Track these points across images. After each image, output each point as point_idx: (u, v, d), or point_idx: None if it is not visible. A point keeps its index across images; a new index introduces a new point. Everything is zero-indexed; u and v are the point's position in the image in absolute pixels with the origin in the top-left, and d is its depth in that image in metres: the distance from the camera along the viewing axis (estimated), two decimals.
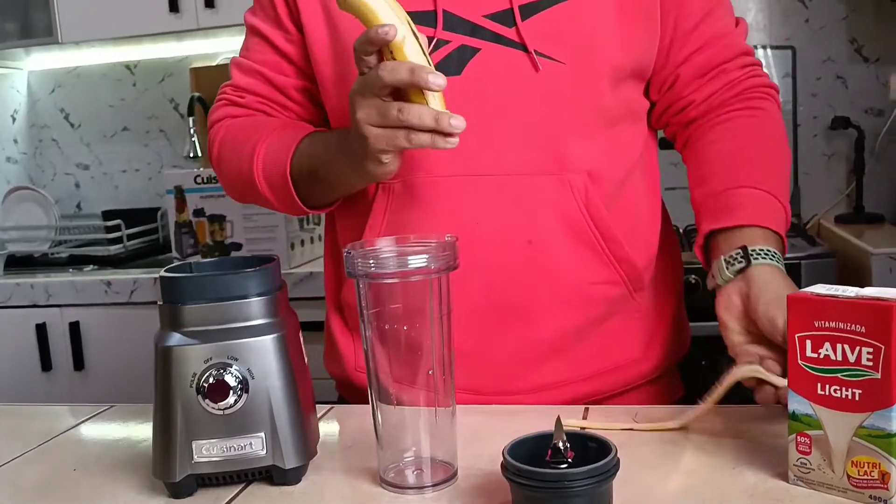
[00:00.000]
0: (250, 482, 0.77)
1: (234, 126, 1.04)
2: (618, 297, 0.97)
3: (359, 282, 0.72)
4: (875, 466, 0.64)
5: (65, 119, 2.79)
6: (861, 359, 0.63)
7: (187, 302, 0.73)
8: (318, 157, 0.94)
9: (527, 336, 0.95)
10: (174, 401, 0.73)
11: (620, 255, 0.95)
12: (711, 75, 0.99)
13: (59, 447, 0.91)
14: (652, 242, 1.01)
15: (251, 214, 2.06)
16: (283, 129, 1.00)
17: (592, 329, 0.96)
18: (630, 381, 0.99)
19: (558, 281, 0.94)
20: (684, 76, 0.99)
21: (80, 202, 2.81)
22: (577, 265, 0.94)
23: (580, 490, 0.62)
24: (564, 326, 0.95)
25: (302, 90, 1.03)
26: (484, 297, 0.93)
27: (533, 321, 0.94)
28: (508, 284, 0.93)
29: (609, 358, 0.98)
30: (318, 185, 0.96)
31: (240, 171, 1.00)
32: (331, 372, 1.09)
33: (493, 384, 0.96)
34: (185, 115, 2.58)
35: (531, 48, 0.90)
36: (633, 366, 0.99)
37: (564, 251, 0.93)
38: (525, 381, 0.96)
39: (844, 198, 2.34)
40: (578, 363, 0.96)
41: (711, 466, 0.74)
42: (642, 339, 1.00)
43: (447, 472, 0.74)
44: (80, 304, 2.16)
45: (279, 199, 0.99)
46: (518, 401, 0.95)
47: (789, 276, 0.87)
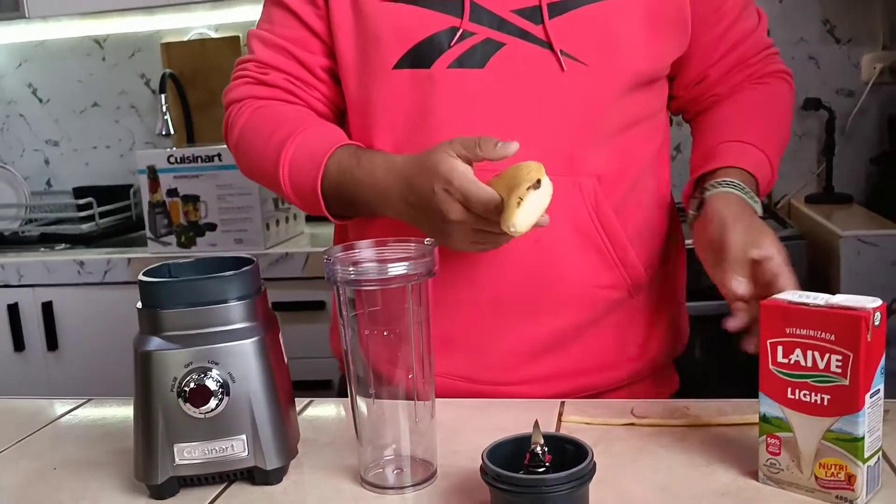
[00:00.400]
0: (232, 482, 0.77)
1: (257, 114, 1.01)
2: (619, 299, 0.98)
3: (337, 287, 0.72)
4: (842, 468, 0.66)
5: (32, 94, 2.74)
6: (830, 365, 0.65)
7: (166, 307, 0.73)
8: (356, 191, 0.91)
9: (527, 332, 0.96)
10: (155, 404, 0.73)
11: (627, 259, 0.96)
12: (736, 70, 1.03)
13: (38, 444, 0.91)
14: (657, 246, 1.02)
15: (226, 195, 2.05)
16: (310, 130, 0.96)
17: (590, 327, 0.97)
18: (625, 378, 1.00)
19: (563, 282, 0.94)
20: (713, 75, 1.02)
21: (49, 179, 2.77)
22: (583, 267, 0.95)
23: (558, 495, 0.63)
24: (565, 325, 0.96)
25: (328, 70, 1.01)
26: (489, 291, 0.95)
27: (535, 318, 0.95)
28: (514, 281, 0.94)
29: (604, 355, 0.99)
30: (351, 210, 0.95)
31: (262, 169, 0.98)
32: (333, 347, 1.09)
33: (488, 374, 0.97)
34: (156, 92, 2.55)
35: (557, 47, 0.90)
36: (629, 363, 1.00)
37: (571, 253, 0.94)
38: (519, 373, 0.97)
39: (815, 178, 2.37)
40: (574, 359, 0.98)
41: (685, 465, 0.75)
42: (639, 338, 1.01)
43: (427, 470, 0.76)
44: (53, 284, 2.14)
45: (306, 207, 0.97)
46: (511, 392, 0.96)
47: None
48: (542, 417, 0.69)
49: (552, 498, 0.63)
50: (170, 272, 0.79)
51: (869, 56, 2.30)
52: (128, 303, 1.74)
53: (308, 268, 2.00)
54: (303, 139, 0.95)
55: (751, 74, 1.04)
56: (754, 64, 1.04)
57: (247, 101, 1.02)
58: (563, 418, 0.87)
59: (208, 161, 2.04)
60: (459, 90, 0.92)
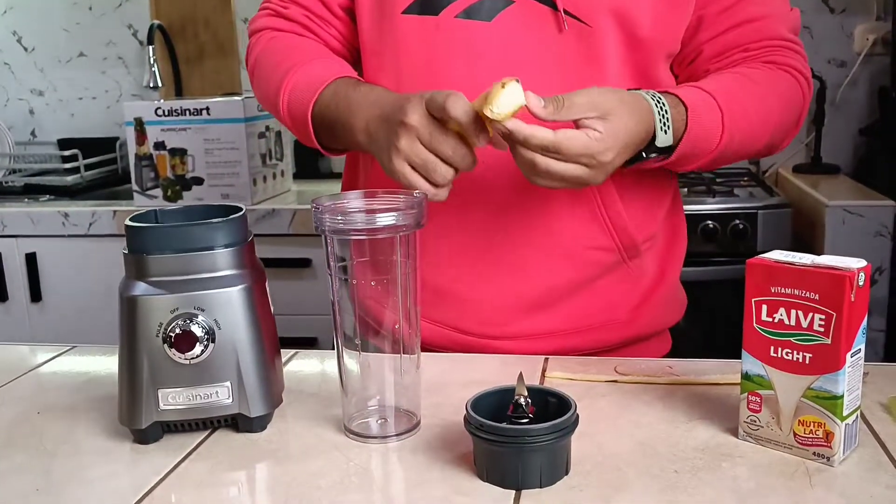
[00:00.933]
0: (216, 429, 0.78)
1: (271, 44, 1.02)
2: (610, 262, 0.98)
3: (325, 237, 0.72)
4: (820, 426, 0.67)
5: (17, 42, 2.69)
6: (813, 324, 0.65)
7: (153, 252, 0.73)
8: (339, 119, 0.91)
9: (516, 286, 0.96)
10: (140, 350, 0.73)
11: (619, 224, 0.96)
12: (732, 54, 0.95)
13: (22, 389, 0.91)
14: (656, 216, 1.01)
15: (213, 149, 2.03)
16: (315, 61, 0.97)
17: (581, 288, 0.98)
18: (613, 342, 1.00)
19: (554, 239, 0.95)
20: (708, 52, 0.95)
21: (34, 129, 2.74)
22: (574, 227, 0.95)
23: (540, 445, 0.64)
24: (554, 283, 0.96)
25: (346, 8, 1.01)
26: (479, 243, 0.95)
27: (525, 273, 0.96)
28: (504, 234, 0.94)
29: (594, 316, 0.99)
30: (333, 136, 0.95)
31: (268, 96, 0.99)
32: None
33: (477, 327, 0.98)
34: (144, 43, 2.51)
35: (560, 6, 0.89)
36: (619, 327, 1.00)
37: (564, 212, 0.94)
38: (508, 328, 0.98)
39: (803, 147, 2.38)
40: (563, 318, 0.98)
41: (666, 421, 0.76)
42: (632, 303, 1.01)
43: (410, 421, 0.76)
44: (37, 236, 2.13)
45: (301, 136, 0.97)
46: (499, 346, 0.97)
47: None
48: (526, 373, 0.69)
49: (534, 448, 0.64)
50: (157, 218, 0.79)
51: (862, 27, 2.29)
52: (113, 256, 1.73)
53: (294, 224, 1.99)
54: (305, 69, 0.95)
55: (748, 59, 0.95)
56: (755, 51, 0.95)
57: (265, 31, 1.04)
58: (546, 374, 0.88)
59: (196, 114, 2.02)
60: (464, 41, 0.91)
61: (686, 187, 2.13)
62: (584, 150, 0.78)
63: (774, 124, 0.94)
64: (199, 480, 0.69)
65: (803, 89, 0.97)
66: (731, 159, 0.93)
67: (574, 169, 0.79)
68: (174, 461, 0.72)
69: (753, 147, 0.94)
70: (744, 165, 2.38)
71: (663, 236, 1.03)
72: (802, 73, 0.96)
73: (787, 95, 0.95)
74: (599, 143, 0.78)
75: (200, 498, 0.66)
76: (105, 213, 2.08)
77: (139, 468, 0.72)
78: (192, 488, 0.68)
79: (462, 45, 0.92)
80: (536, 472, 0.64)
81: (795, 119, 0.97)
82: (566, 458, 0.67)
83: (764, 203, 1.96)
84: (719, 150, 0.89)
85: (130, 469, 0.72)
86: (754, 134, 0.92)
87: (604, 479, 0.66)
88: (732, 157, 0.93)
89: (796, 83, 0.96)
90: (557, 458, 0.66)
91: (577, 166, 0.79)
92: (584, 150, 0.78)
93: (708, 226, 1.93)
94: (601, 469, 0.68)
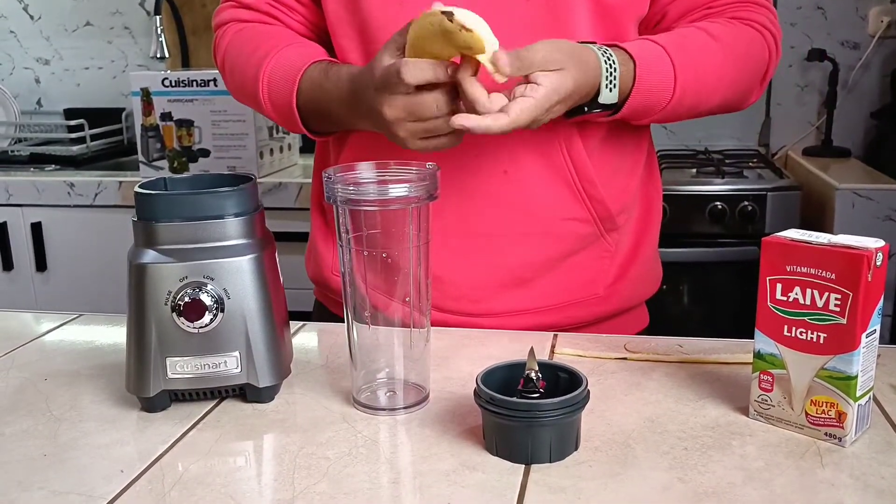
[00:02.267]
0: (223, 399, 0.77)
1: (238, 36, 1.01)
2: (587, 235, 0.97)
3: (338, 207, 0.71)
4: (833, 406, 0.66)
5: (23, 10, 2.67)
6: (829, 304, 0.65)
7: (162, 219, 0.72)
8: (329, 112, 0.92)
9: (493, 263, 0.96)
10: (148, 318, 0.73)
11: (594, 195, 0.95)
12: (696, 13, 0.95)
13: (29, 356, 0.90)
14: (630, 187, 1.00)
15: (220, 121, 2.02)
16: (288, 48, 0.96)
17: (558, 264, 0.97)
18: (592, 317, 1.00)
19: (529, 213, 0.94)
20: (672, 13, 0.96)
21: (40, 98, 2.72)
22: (549, 200, 0.94)
23: (550, 420, 0.63)
24: (531, 258, 0.96)
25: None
26: (456, 220, 0.94)
27: (500, 250, 0.95)
28: (481, 211, 0.94)
29: (572, 292, 0.99)
30: (327, 124, 0.96)
31: (245, 89, 0.99)
32: (309, 272, 1.10)
33: (455, 305, 0.97)
34: (151, 14, 2.49)
35: None
36: (597, 303, 1.00)
37: (539, 185, 0.93)
38: (486, 305, 0.97)
39: (814, 130, 2.36)
40: (540, 294, 0.97)
41: (675, 399, 0.76)
42: (609, 278, 1.00)
43: (419, 394, 0.76)
44: (43, 205, 2.12)
45: (286, 124, 0.97)
46: (478, 324, 0.97)
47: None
48: (535, 350, 0.69)
49: (545, 423, 0.63)
50: (166, 186, 0.78)
51: (877, 9, 2.27)
52: (118, 226, 1.72)
53: (301, 198, 1.98)
54: (279, 58, 0.95)
55: (711, 15, 0.94)
56: (718, 8, 0.94)
57: (230, 24, 1.03)
58: (555, 350, 0.88)
59: (203, 85, 2.00)
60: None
61: (695, 168, 2.12)
62: (531, 118, 0.79)
63: (731, 79, 0.93)
64: (207, 449, 0.69)
65: (769, 45, 0.95)
66: (687, 113, 0.92)
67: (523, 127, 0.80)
68: (181, 430, 0.72)
69: (710, 101, 0.93)
70: (753, 147, 2.37)
71: (638, 209, 1.03)
72: (769, 29, 0.95)
73: (749, 51, 0.94)
74: (545, 102, 0.79)
75: (208, 466, 0.66)
76: (111, 184, 2.08)
77: (146, 436, 0.71)
78: (200, 457, 0.67)
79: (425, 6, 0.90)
80: (546, 447, 0.64)
81: (760, 75, 0.96)
82: (576, 433, 0.66)
83: (773, 185, 1.94)
84: (672, 105, 0.89)
85: (137, 437, 0.71)
86: (709, 88, 0.92)
87: (613, 455, 0.66)
88: (687, 111, 0.92)
89: (761, 38, 0.95)
90: (567, 434, 0.65)
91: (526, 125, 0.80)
92: (531, 117, 0.79)
93: (716, 207, 1.92)
94: (610, 445, 0.68)
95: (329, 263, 1.05)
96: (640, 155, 1.02)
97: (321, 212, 1.08)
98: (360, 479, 0.63)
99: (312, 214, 1.09)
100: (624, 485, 0.62)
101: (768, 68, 0.96)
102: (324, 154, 1.08)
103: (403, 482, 0.63)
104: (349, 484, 0.63)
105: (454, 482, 0.62)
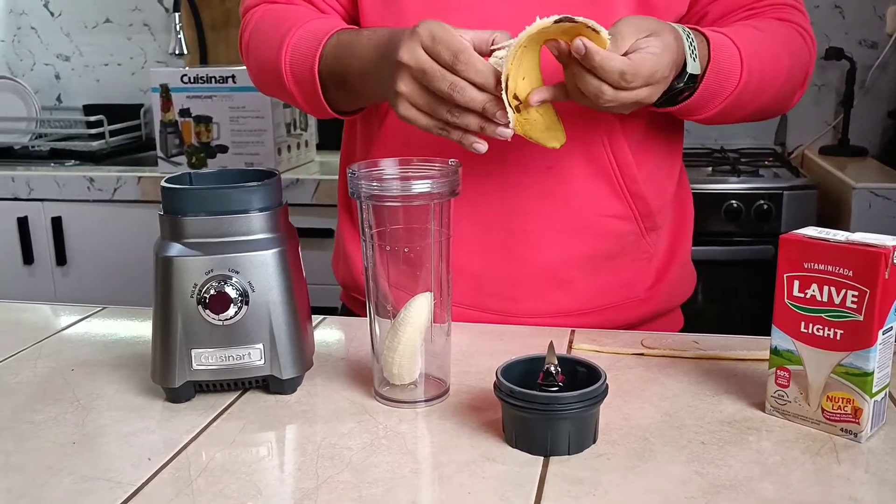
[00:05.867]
0: (247, 390, 0.79)
1: (266, 15, 0.98)
2: (627, 233, 0.97)
3: (361, 202, 0.73)
4: (849, 402, 0.67)
5: (44, 6, 2.70)
6: (846, 301, 0.65)
7: (189, 213, 0.74)
8: (350, 68, 0.87)
9: (532, 261, 0.96)
10: (174, 310, 0.74)
11: (636, 191, 0.96)
12: (737, 14, 0.96)
13: (55, 347, 0.92)
14: (668, 186, 1.01)
15: (238, 117, 2.04)
16: (315, 20, 0.93)
17: (599, 265, 0.97)
18: (631, 320, 1.01)
19: (571, 209, 0.94)
20: (712, 14, 0.96)
21: (60, 94, 2.75)
22: (591, 195, 0.95)
23: (569, 413, 0.64)
24: (570, 257, 0.96)
25: None
26: (497, 216, 0.95)
27: (541, 247, 0.95)
28: (523, 207, 0.94)
29: (612, 295, 0.99)
30: (347, 94, 0.91)
31: (267, 61, 0.94)
32: (338, 276, 1.09)
33: (495, 304, 0.98)
34: (170, 10, 2.51)
35: None
36: (636, 306, 1.01)
37: (581, 181, 0.94)
38: (525, 305, 0.98)
39: (831, 129, 2.36)
40: (581, 297, 0.98)
41: (692, 394, 0.77)
42: (648, 281, 1.01)
43: (440, 388, 0.77)
44: (62, 200, 2.15)
45: (306, 99, 0.94)
46: (518, 323, 0.97)
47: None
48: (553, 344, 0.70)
49: (564, 416, 0.64)
50: (191, 181, 0.79)
51: (895, 8, 2.26)
52: (137, 221, 1.74)
53: (318, 195, 2.00)
54: (308, 26, 0.92)
55: (754, 16, 0.95)
56: (759, 9, 0.95)
57: (259, 6, 1.00)
58: (573, 346, 0.89)
59: (222, 82, 2.02)
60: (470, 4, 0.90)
61: (711, 166, 2.12)
62: (651, 71, 0.77)
63: (786, 73, 0.93)
64: (231, 440, 0.70)
65: (809, 48, 0.96)
66: (744, 107, 0.91)
67: (638, 93, 0.77)
68: (206, 420, 0.74)
69: (766, 94, 0.92)
70: (769, 146, 2.37)
71: (673, 211, 1.03)
72: (808, 33, 0.96)
73: (797, 49, 0.95)
74: (661, 59, 0.77)
75: (232, 456, 0.67)
76: (130, 179, 2.10)
77: (172, 425, 0.73)
78: (224, 447, 0.69)
79: (468, 8, 0.90)
80: (565, 440, 0.65)
81: (803, 76, 0.96)
82: (594, 426, 0.67)
83: (790, 184, 1.94)
84: (737, 93, 0.88)
85: (163, 426, 0.73)
86: (768, 79, 0.91)
87: (630, 449, 0.67)
88: (747, 104, 0.90)
89: (803, 40, 0.96)
90: (586, 427, 0.66)
91: (643, 89, 0.77)
92: (652, 71, 0.77)
93: (732, 205, 1.92)
94: (628, 439, 0.68)
95: (360, 265, 1.03)
96: (677, 157, 1.03)
97: (349, 213, 1.07)
98: (382, 470, 0.64)
99: (340, 216, 1.08)
100: (642, 477, 0.63)
101: (808, 69, 0.97)
102: (349, 154, 1.07)
103: (424, 472, 0.64)
104: (371, 474, 0.64)
105: (474, 473, 0.64)
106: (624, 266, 0.99)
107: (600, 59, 0.74)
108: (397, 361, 0.74)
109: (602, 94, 0.76)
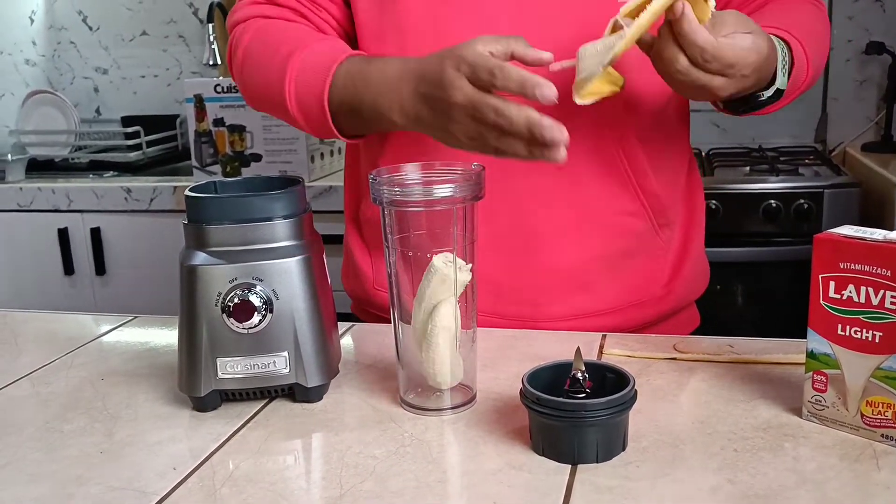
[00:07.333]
0: (273, 398, 0.79)
1: (261, 33, 0.95)
2: (642, 231, 0.97)
3: (384, 208, 0.72)
4: (889, 407, 0.64)
5: (83, 21, 2.75)
6: (885, 302, 0.63)
7: (212, 222, 0.74)
8: (363, 99, 0.85)
9: (549, 265, 0.95)
10: (199, 319, 0.74)
11: (647, 187, 0.95)
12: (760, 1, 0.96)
13: (87, 356, 0.93)
14: (679, 181, 1.00)
15: (271, 126, 2.05)
16: (318, 43, 0.91)
17: (616, 264, 0.96)
18: (650, 318, 1.00)
19: (583, 210, 0.93)
20: (734, 1, 0.96)
21: (98, 107, 2.80)
22: (603, 194, 0.94)
23: (597, 420, 0.63)
24: (587, 258, 0.95)
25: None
26: (509, 223, 0.93)
27: (556, 250, 0.94)
28: (534, 211, 0.93)
29: (631, 293, 0.98)
30: (358, 122, 0.89)
31: (268, 88, 0.92)
32: (348, 289, 1.09)
33: (516, 310, 0.97)
34: (204, 22, 2.54)
35: None
36: (655, 303, 1.00)
37: (592, 180, 0.93)
38: (546, 309, 0.96)
39: (873, 125, 2.30)
40: (600, 298, 0.97)
41: (726, 400, 0.75)
42: (664, 277, 1.00)
43: (466, 395, 0.76)
44: (101, 211, 2.18)
45: (312, 126, 0.92)
46: (540, 328, 0.96)
47: None
48: (583, 350, 0.68)
49: (591, 423, 0.63)
50: (216, 189, 0.79)
51: None
52: (173, 231, 1.73)
53: None
54: (311, 50, 0.89)
55: None
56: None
57: (252, 20, 0.97)
58: (604, 351, 0.87)
59: None
60: (474, 7, 0.88)
61: (748, 165, 2.08)
62: (732, 61, 0.75)
63: (826, 51, 0.94)
64: (257, 448, 0.70)
65: (819, 8, 0.97)
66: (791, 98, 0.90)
67: (711, 79, 0.76)
68: (232, 429, 0.73)
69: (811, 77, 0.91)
70: (809, 143, 2.32)
71: (684, 205, 1.02)
72: (823, 6, 0.98)
73: (823, 28, 0.96)
74: (746, 56, 0.76)
75: (258, 465, 0.67)
76: (166, 189, 2.12)
77: (198, 434, 0.73)
78: (250, 455, 0.69)
79: (473, 15, 0.88)
80: (593, 447, 0.64)
81: (827, 49, 0.97)
82: (623, 433, 0.66)
83: (830, 182, 1.90)
84: (803, 87, 0.88)
85: (190, 435, 0.73)
86: (821, 67, 0.91)
87: (661, 456, 0.65)
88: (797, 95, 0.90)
89: (813, 6, 0.96)
90: (614, 434, 0.65)
91: (717, 77, 0.76)
92: (735, 61, 0.75)
93: (770, 205, 1.88)
94: (658, 446, 0.67)
95: (371, 278, 1.03)
96: (686, 150, 1.02)
97: (356, 226, 1.05)
98: (406, 479, 0.64)
99: (347, 229, 1.07)
100: (672, 486, 0.61)
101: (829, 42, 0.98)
102: (354, 166, 1.05)
103: (450, 481, 0.63)
104: (396, 483, 0.63)
105: (500, 482, 0.62)
106: (641, 264, 0.98)
107: (689, 27, 0.73)
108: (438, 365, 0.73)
109: (676, 61, 0.75)
